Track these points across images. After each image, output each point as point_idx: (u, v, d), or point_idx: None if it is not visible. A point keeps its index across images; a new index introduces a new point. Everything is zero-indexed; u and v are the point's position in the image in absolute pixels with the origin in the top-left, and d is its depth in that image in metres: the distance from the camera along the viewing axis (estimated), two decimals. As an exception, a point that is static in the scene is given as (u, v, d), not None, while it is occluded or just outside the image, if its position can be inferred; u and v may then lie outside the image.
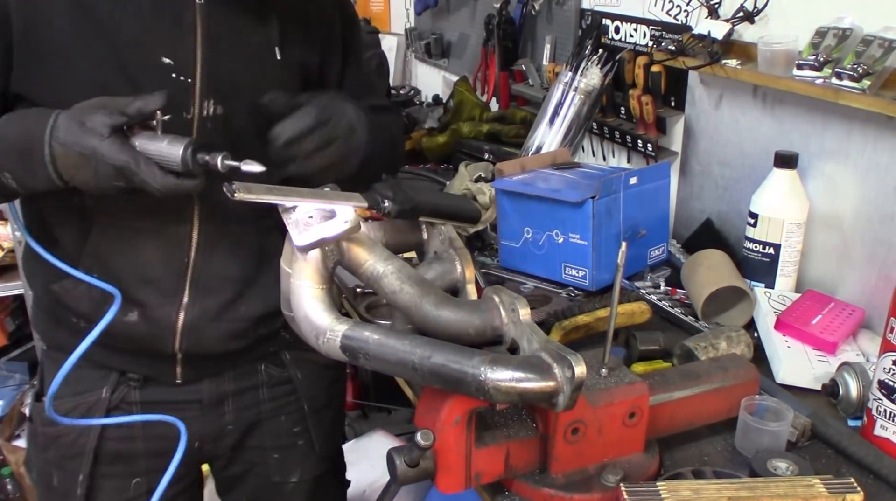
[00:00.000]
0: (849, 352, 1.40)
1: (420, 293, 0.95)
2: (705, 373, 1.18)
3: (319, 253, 0.95)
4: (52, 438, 1.26)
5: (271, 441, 1.36)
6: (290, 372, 1.34)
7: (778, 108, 1.69)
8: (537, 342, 0.89)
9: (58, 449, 1.26)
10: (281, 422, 1.35)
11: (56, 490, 1.28)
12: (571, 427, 1.00)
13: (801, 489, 0.98)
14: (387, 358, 0.89)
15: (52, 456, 1.27)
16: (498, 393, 0.85)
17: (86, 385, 1.23)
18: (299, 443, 1.38)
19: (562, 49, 2.43)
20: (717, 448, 1.17)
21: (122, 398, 1.24)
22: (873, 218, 1.50)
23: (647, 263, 1.77)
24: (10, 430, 2.34)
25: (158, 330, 1.18)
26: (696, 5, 1.82)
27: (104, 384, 1.23)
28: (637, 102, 1.96)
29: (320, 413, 1.40)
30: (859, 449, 1.14)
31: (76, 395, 1.23)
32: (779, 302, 1.53)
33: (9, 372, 2.79)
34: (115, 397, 1.24)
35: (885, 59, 1.37)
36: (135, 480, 1.28)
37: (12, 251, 2.66)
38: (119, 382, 1.24)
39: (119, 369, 1.23)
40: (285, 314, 1.02)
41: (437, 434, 0.93)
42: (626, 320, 1.46)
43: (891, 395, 1.13)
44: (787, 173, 1.57)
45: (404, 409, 2.70)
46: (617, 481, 1.01)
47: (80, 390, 1.23)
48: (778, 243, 1.58)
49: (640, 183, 1.69)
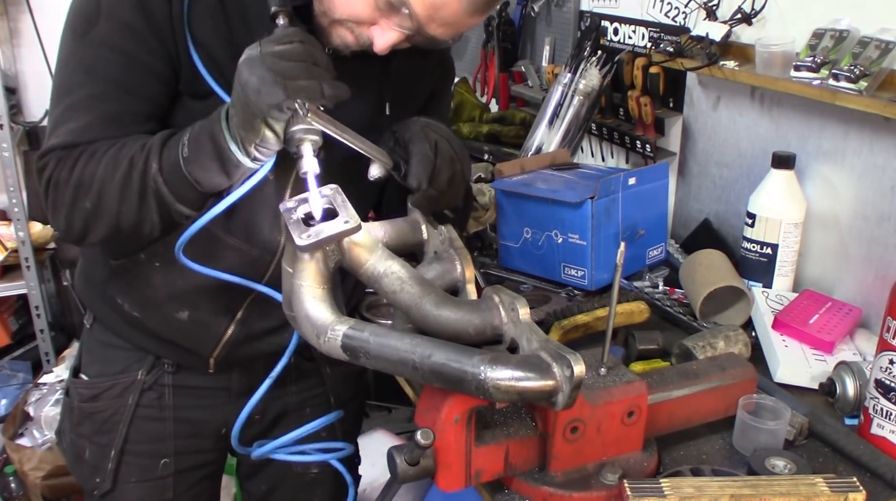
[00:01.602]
0: (846, 352, 1.41)
1: (420, 293, 0.96)
2: (703, 372, 1.19)
3: (321, 254, 0.95)
4: (87, 413, 1.30)
5: None
6: (319, 366, 1.38)
7: (775, 109, 1.69)
8: (536, 341, 0.90)
9: (92, 424, 1.30)
10: (306, 414, 1.38)
11: (87, 462, 1.31)
12: (571, 426, 1.01)
13: (804, 487, 0.98)
14: (387, 357, 0.90)
15: (87, 431, 1.31)
16: (497, 392, 0.85)
17: (123, 365, 1.28)
18: (322, 435, 1.39)
19: (561, 50, 2.44)
20: (716, 447, 1.18)
21: (155, 379, 1.28)
22: (870, 218, 1.51)
23: (645, 263, 1.78)
24: (13, 429, 2.34)
25: (204, 336, 1.22)
26: (695, 7, 1.83)
27: (140, 366, 1.27)
28: (636, 103, 1.97)
29: (346, 406, 1.43)
30: (856, 448, 1.14)
31: (114, 375, 1.28)
32: (776, 302, 1.53)
33: (12, 372, 2.80)
34: (149, 378, 1.28)
35: (881, 61, 1.38)
36: (163, 460, 1.31)
37: (16, 251, 2.67)
38: (154, 365, 1.28)
39: (155, 353, 1.27)
40: (287, 314, 1.03)
41: (438, 433, 0.94)
42: (624, 319, 1.47)
43: (887, 394, 1.14)
44: (784, 174, 1.58)
45: (405, 408, 2.70)
46: (616, 479, 1.02)
47: (117, 370, 1.28)
48: (775, 243, 1.59)
49: (639, 183, 1.69)
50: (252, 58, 0.90)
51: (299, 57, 0.89)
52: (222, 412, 1.32)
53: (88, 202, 1.01)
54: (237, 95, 0.91)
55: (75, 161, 1.02)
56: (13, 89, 2.86)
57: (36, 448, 2.30)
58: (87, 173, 1.01)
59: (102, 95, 1.02)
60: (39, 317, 2.75)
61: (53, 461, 2.26)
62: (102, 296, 1.25)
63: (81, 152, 1.02)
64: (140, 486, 1.31)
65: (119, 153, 1.00)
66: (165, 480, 1.32)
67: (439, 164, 1.07)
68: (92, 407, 1.29)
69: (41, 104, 2.88)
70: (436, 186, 1.07)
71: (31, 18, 2.81)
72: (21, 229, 2.65)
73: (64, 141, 1.02)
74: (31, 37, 2.83)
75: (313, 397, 1.39)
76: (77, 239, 1.06)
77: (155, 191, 0.99)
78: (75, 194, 1.02)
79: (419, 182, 1.06)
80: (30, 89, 2.91)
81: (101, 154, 1.01)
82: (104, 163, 1.00)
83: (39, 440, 2.32)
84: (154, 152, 0.99)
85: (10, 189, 2.61)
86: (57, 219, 1.05)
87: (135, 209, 1.01)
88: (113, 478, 1.30)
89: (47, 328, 2.78)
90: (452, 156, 1.10)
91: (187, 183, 0.98)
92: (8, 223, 2.72)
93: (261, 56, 0.89)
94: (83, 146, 1.02)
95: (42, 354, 2.81)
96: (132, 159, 0.99)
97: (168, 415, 1.30)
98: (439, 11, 0.97)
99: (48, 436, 2.31)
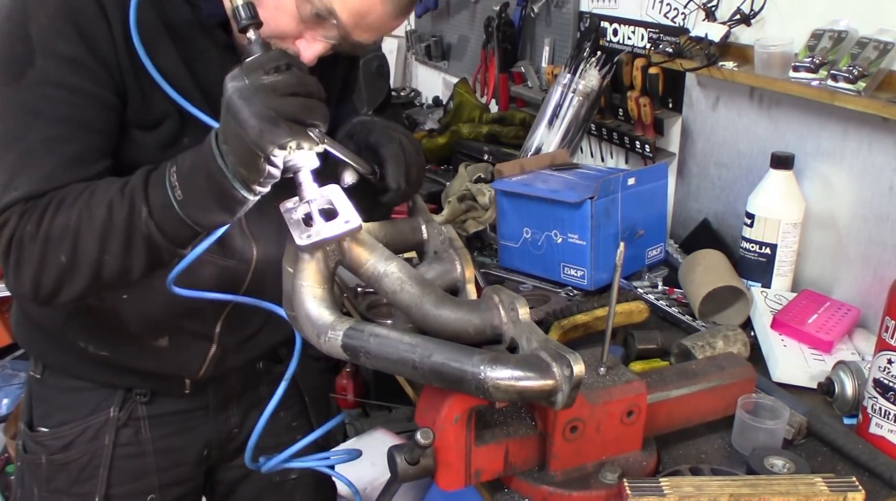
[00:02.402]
0: (844, 351, 1.41)
1: (420, 292, 0.96)
2: (702, 372, 1.19)
3: (321, 254, 0.95)
4: (60, 465, 1.22)
5: (273, 440, 1.36)
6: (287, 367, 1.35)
7: (774, 110, 1.70)
8: (536, 341, 0.90)
9: (68, 475, 1.22)
10: (280, 418, 1.36)
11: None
12: (570, 425, 1.01)
13: (803, 487, 0.98)
14: (388, 356, 0.90)
15: (62, 484, 1.23)
16: (497, 392, 0.86)
17: (91, 406, 1.21)
18: (298, 438, 1.38)
19: (560, 51, 2.44)
20: (714, 446, 1.19)
21: (129, 415, 1.23)
22: (868, 218, 1.51)
23: (644, 263, 1.79)
24: (14, 428, 2.35)
25: (189, 357, 1.20)
26: (694, 8, 1.83)
27: (111, 403, 1.21)
28: (635, 104, 1.97)
29: (317, 403, 1.42)
30: (855, 447, 1.15)
31: (84, 418, 1.21)
32: (775, 302, 1.54)
33: (14, 371, 2.82)
34: (122, 414, 1.22)
35: (880, 62, 1.38)
36: (149, 497, 1.27)
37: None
38: (126, 399, 1.22)
39: (126, 387, 1.22)
40: (287, 313, 1.03)
41: (438, 432, 0.94)
42: (624, 319, 1.47)
43: (886, 393, 1.14)
44: (783, 174, 1.58)
45: (405, 407, 2.70)
46: (615, 478, 1.02)
47: (85, 413, 1.21)
48: (774, 243, 1.59)
49: (638, 183, 1.70)
50: (242, 92, 0.83)
51: (294, 89, 0.84)
52: (201, 433, 1.28)
53: (63, 256, 0.92)
54: (233, 133, 0.85)
55: (42, 213, 0.92)
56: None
57: (37, 447, 2.31)
58: (58, 224, 0.92)
59: (60, 137, 0.94)
60: (41, 317, 2.76)
61: (55, 460, 2.27)
62: (58, 342, 1.18)
63: (48, 202, 0.93)
64: None
65: (92, 199, 0.92)
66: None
67: (409, 162, 1.08)
68: (65, 458, 1.21)
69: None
70: (410, 183, 1.08)
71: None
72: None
73: (25, 192, 0.93)
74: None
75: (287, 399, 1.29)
76: (45, 298, 0.96)
77: (146, 236, 0.92)
78: (44, 249, 0.92)
79: (398, 183, 1.06)
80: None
81: (71, 202, 0.92)
82: (76, 211, 0.92)
83: (41, 439, 2.32)
84: (138, 196, 0.91)
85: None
86: (20, 279, 0.94)
87: (119, 256, 0.93)
88: None
89: (49, 328, 2.80)
90: (413, 149, 1.12)
91: (184, 225, 0.92)
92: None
93: (252, 89, 0.83)
94: (49, 194, 0.93)
95: (44, 354, 2.82)
96: (110, 204, 0.91)
97: (148, 449, 1.24)
98: (365, 18, 0.96)
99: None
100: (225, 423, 1.32)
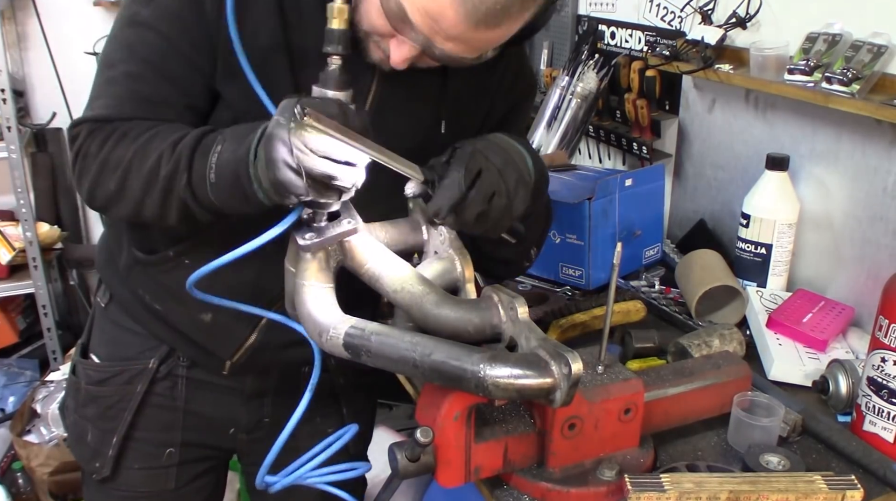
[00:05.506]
0: (839, 350, 1.43)
1: (421, 292, 0.97)
2: (699, 370, 1.20)
3: (323, 253, 0.97)
4: (93, 396, 1.27)
5: (305, 442, 1.32)
6: (332, 377, 1.34)
7: (769, 112, 1.71)
8: (535, 340, 0.91)
9: (97, 408, 1.27)
10: (316, 424, 1.33)
11: (88, 445, 1.29)
12: (568, 423, 1.02)
13: (802, 484, 0.99)
14: (388, 355, 0.91)
15: (91, 413, 1.28)
16: (497, 390, 0.86)
17: (136, 351, 1.25)
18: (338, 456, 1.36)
19: (559, 54, 2.45)
20: (711, 443, 1.20)
21: (169, 370, 1.25)
22: (862, 218, 1.52)
23: (642, 263, 1.80)
24: (21, 425, 2.35)
25: (226, 340, 1.20)
26: (690, 11, 1.84)
27: (153, 355, 1.24)
28: (632, 106, 1.98)
29: (357, 416, 1.36)
30: (849, 444, 1.16)
31: (125, 360, 1.25)
32: (770, 301, 1.55)
33: (20, 369, 2.82)
34: (162, 368, 1.25)
35: (873, 64, 1.39)
36: (168, 450, 1.29)
37: (23, 251, 2.69)
38: (168, 355, 1.25)
39: (171, 345, 1.24)
40: (289, 312, 1.04)
41: (437, 430, 0.95)
42: (621, 318, 1.48)
43: (879, 391, 1.15)
44: (778, 175, 1.60)
45: (405, 405, 2.70)
46: (613, 475, 1.03)
47: (129, 355, 1.25)
48: (769, 243, 1.60)
49: (635, 184, 1.71)
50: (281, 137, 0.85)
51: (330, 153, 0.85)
52: (233, 412, 1.30)
53: (112, 184, 1.00)
54: (262, 161, 0.87)
55: (106, 137, 1.00)
56: (21, 92, 2.87)
57: (43, 444, 2.32)
58: (115, 155, 0.99)
59: (137, 75, 1.01)
60: (46, 316, 2.77)
61: (60, 457, 2.28)
62: (123, 281, 1.23)
63: (113, 130, 1.00)
64: (141, 473, 1.30)
65: (149, 144, 0.98)
66: (168, 470, 1.30)
67: (472, 197, 0.99)
68: (98, 391, 1.27)
69: (48, 107, 2.90)
70: (460, 219, 1.00)
71: (38, 22, 2.82)
72: (28, 229, 2.66)
73: (96, 114, 1.02)
74: (38, 40, 2.85)
75: (325, 407, 1.34)
76: (99, 209, 1.08)
77: (181, 198, 0.97)
78: (100, 171, 1.00)
79: (438, 211, 0.99)
80: (37, 92, 2.92)
81: (132, 139, 0.99)
82: (133, 149, 0.98)
83: (47, 437, 2.33)
84: (183, 163, 0.95)
85: (18, 190, 2.63)
86: (81, 187, 1.05)
87: (157, 205, 0.99)
88: (113, 465, 1.28)
89: (54, 326, 2.81)
90: (495, 191, 1.00)
91: (213, 205, 0.96)
92: (16, 223, 2.75)
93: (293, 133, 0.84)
94: (116, 123, 1.01)
95: (49, 352, 2.84)
96: (160, 156, 0.96)
97: (179, 406, 1.27)
98: (439, 23, 0.91)
99: (55, 433, 2.32)
100: (257, 411, 1.31)
